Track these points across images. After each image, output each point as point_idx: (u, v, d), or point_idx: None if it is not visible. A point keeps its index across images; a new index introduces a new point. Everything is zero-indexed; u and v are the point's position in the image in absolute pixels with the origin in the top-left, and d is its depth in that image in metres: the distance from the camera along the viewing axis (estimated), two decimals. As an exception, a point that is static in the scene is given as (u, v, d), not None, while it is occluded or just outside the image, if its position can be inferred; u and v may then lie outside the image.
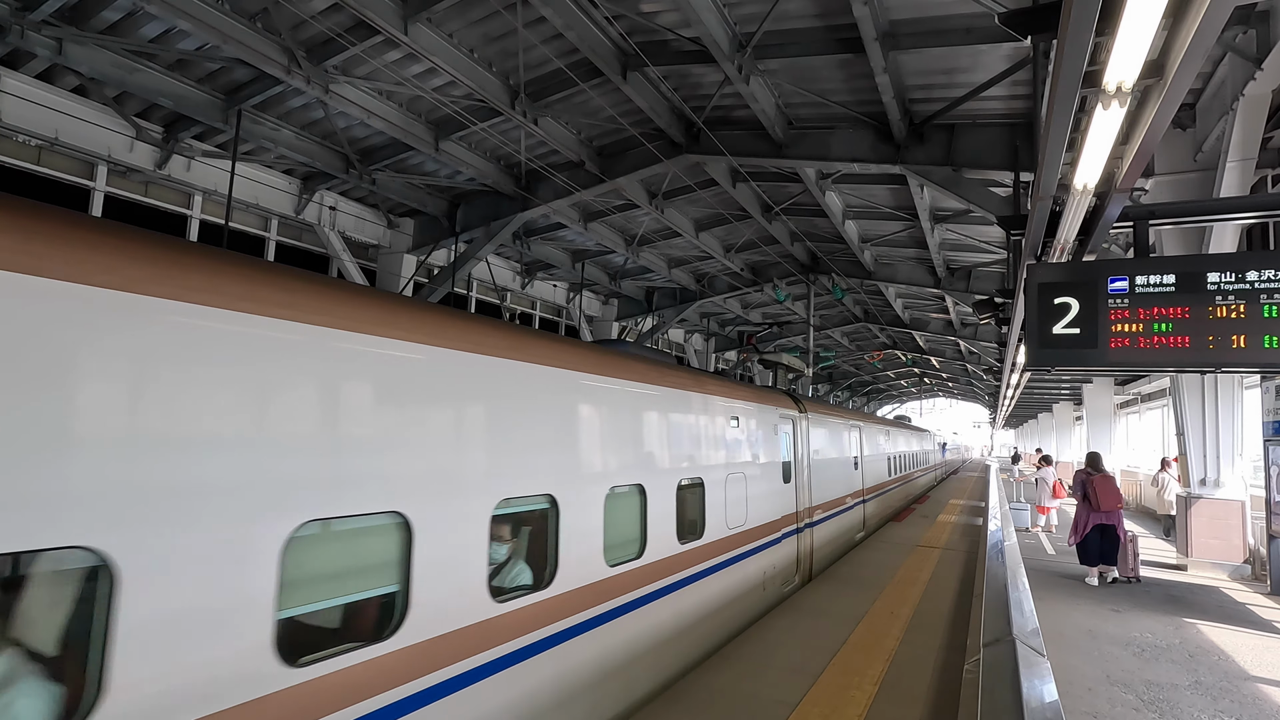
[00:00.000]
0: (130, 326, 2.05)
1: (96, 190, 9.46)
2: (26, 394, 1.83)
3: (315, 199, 11.82)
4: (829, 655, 5.17)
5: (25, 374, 1.83)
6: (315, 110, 9.50)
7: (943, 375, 38.03)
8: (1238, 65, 6.54)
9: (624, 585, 4.40)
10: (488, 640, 3.24)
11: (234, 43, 7.25)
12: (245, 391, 2.36)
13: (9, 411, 1.79)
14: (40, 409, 1.85)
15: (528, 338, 3.94)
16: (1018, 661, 3.19)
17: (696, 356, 25.15)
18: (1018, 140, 8.49)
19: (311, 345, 2.59)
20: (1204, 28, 2.19)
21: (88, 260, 2.01)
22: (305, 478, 2.52)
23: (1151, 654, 6.92)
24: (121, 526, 1.96)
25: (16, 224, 1.92)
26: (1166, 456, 15.83)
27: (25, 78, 8.29)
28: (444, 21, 7.68)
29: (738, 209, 12.82)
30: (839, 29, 7.36)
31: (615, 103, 9.35)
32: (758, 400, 7.66)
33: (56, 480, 1.85)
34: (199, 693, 2.11)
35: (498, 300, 16.56)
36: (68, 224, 2.08)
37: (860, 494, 12.58)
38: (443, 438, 3.18)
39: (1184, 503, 11.25)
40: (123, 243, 2.18)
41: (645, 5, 7.45)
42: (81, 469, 1.90)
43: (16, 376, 1.81)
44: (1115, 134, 3.09)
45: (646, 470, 4.89)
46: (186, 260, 2.32)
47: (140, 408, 2.06)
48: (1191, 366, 4.14)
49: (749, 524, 6.76)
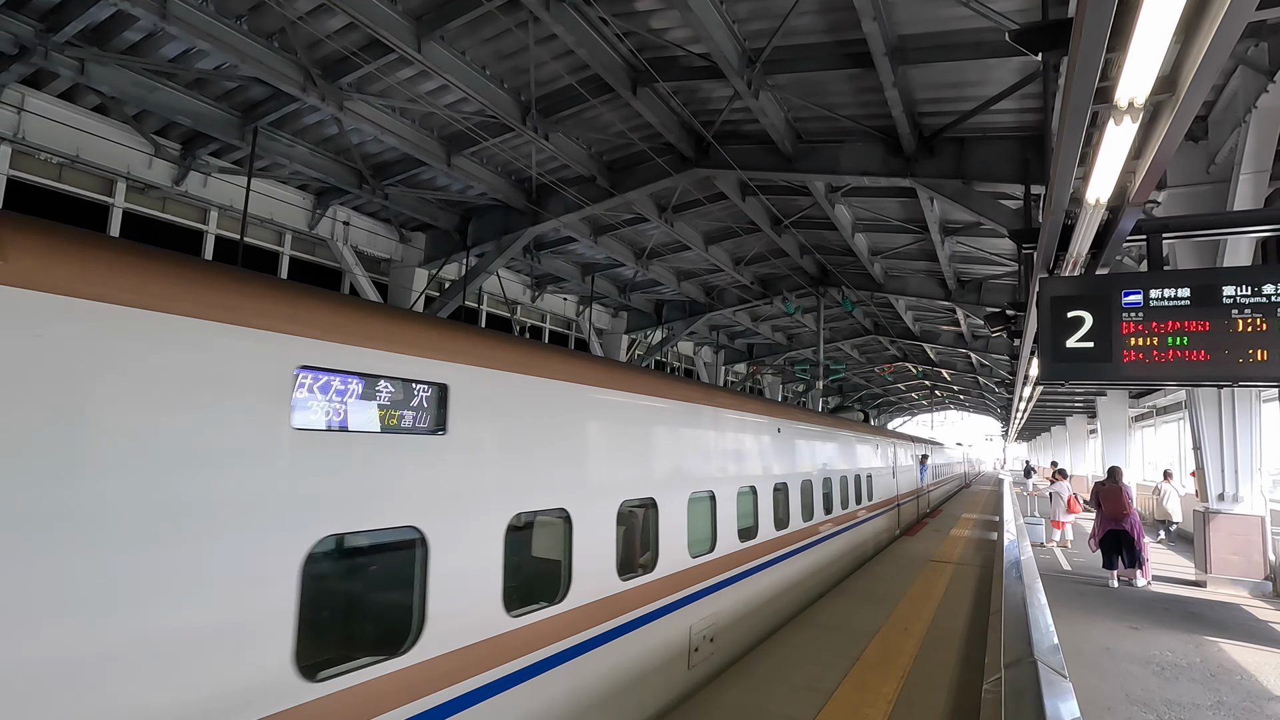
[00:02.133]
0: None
1: (115, 206, 9.62)
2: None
3: (329, 214, 11.96)
4: (842, 672, 5.11)
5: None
6: (330, 127, 9.64)
7: (954, 388, 37.77)
8: (1250, 78, 6.52)
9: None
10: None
11: (251, 61, 7.38)
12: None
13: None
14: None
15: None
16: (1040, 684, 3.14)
17: (706, 369, 25.12)
18: (1028, 153, 8.48)
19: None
20: (1217, 43, 2.19)
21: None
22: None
23: (1172, 673, 6.80)
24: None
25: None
26: (1169, 469, 17.66)
27: (48, 97, 8.47)
28: (457, 39, 7.79)
29: (747, 222, 12.85)
30: (848, 44, 7.41)
31: (625, 118, 9.43)
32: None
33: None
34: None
35: (508, 313, 16.64)
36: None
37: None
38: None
39: (1202, 518, 11.06)
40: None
41: (655, 22, 7.53)
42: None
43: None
44: (1127, 149, 3.08)
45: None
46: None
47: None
48: (1209, 380, 4.09)
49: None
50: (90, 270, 1.98)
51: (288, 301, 2.54)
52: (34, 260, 1.87)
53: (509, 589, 3.35)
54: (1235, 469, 10.52)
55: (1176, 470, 18.09)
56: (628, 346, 20.60)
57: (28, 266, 1.85)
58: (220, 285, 2.34)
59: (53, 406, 1.86)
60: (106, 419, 1.95)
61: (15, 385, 1.79)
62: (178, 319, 2.14)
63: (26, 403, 1.81)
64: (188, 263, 2.36)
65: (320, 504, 2.51)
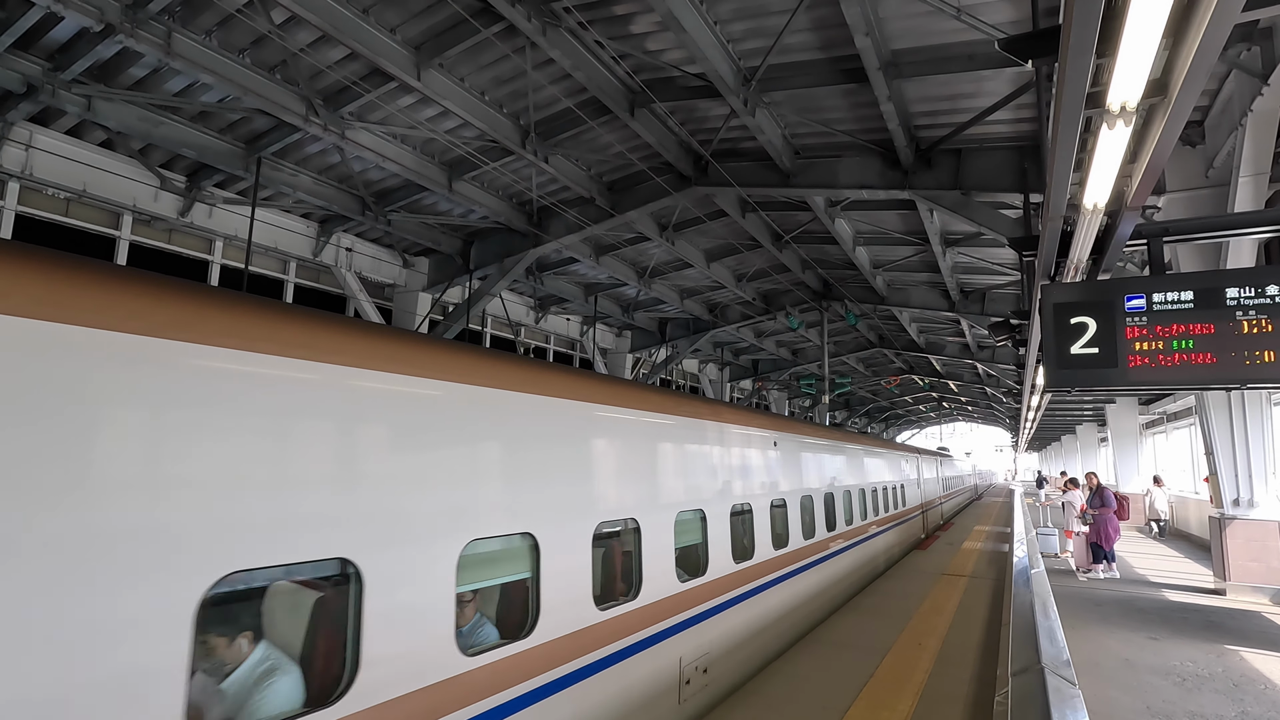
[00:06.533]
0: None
1: (122, 239, 9.73)
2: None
3: (332, 241, 12.07)
4: (855, 691, 5.03)
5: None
6: (332, 155, 9.76)
7: (962, 399, 37.56)
8: (1244, 81, 6.55)
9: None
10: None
11: (254, 94, 7.50)
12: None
13: None
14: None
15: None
16: (1048, 693, 3.07)
17: (712, 387, 25.07)
18: (1025, 162, 8.52)
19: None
20: (1205, 45, 2.20)
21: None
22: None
23: (1194, 683, 6.65)
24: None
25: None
26: (1158, 475, 19.97)
27: (56, 134, 8.61)
28: (455, 66, 7.91)
29: (748, 239, 12.91)
30: (842, 60, 7.48)
31: (624, 139, 9.52)
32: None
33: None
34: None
35: (512, 335, 16.69)
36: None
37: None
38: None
39: (1218, 524, 10.91)
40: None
41: (650, 44, 7.64)
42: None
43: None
44: (1122, 153, 3.08)
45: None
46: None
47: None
48: (1216, 384, 4.06)
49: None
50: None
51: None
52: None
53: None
54: (1249, 473, 10.39)
55: (1190, 476, 18.41)
56: (632, 365, 20.60)
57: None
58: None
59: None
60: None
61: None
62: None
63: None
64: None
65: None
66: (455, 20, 7.06)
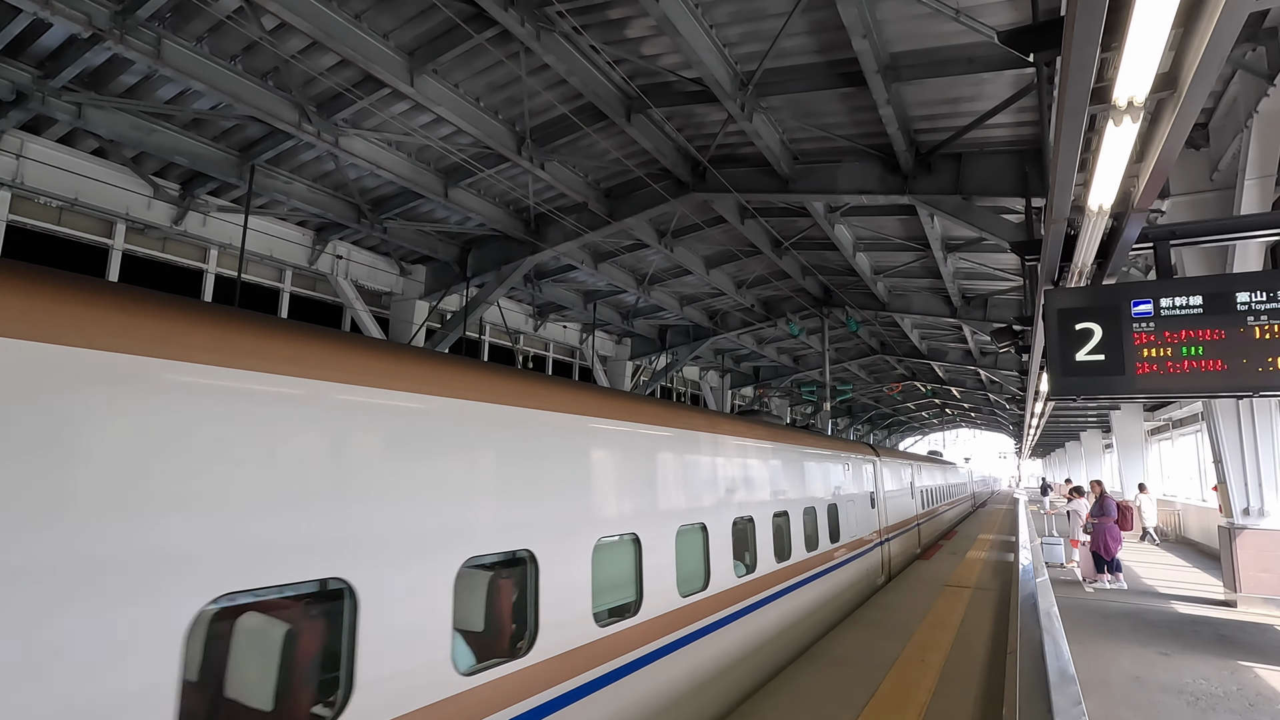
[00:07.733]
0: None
1: (115, 249, 9.65)
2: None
3: (328, 249, 11.98)
4: (856, 711, 4.86)
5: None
6: (327, 163, 9.68)
7: (964, 405, 37.33)
8: (1249, 82, 6.43)
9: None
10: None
11: (246, 101, 7.43)
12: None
13: None
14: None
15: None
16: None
17: (713, 394, 24.93)
18: (1027, 166, 8.40)
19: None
20: (1218, 35, 2.08)
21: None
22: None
23: (1207, 702, 6.46)
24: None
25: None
26: (1143, 483, 20.70)
27: (47, 142, 8.55)
28: (449, 72, 7.83)
29: (747, 245, 12.80)
30: (840, 63, 7.38)
31: (620, 145, 9.42)
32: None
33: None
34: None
35: (511, 343, 16.58)
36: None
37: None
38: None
39: (1228, 534, 10.71)
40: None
41: (646, 48, 7.54)
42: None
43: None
44: (1129, 151, 2.96)
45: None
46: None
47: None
48: (1227, 391, 3.91)
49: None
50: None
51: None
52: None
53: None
54: (1259, 482, 10.20)
55: (1198, 484, 18.42)
56: (632, 373, 20.48)
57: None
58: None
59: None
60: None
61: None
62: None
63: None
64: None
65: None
66: (448, 26, 6.99)
